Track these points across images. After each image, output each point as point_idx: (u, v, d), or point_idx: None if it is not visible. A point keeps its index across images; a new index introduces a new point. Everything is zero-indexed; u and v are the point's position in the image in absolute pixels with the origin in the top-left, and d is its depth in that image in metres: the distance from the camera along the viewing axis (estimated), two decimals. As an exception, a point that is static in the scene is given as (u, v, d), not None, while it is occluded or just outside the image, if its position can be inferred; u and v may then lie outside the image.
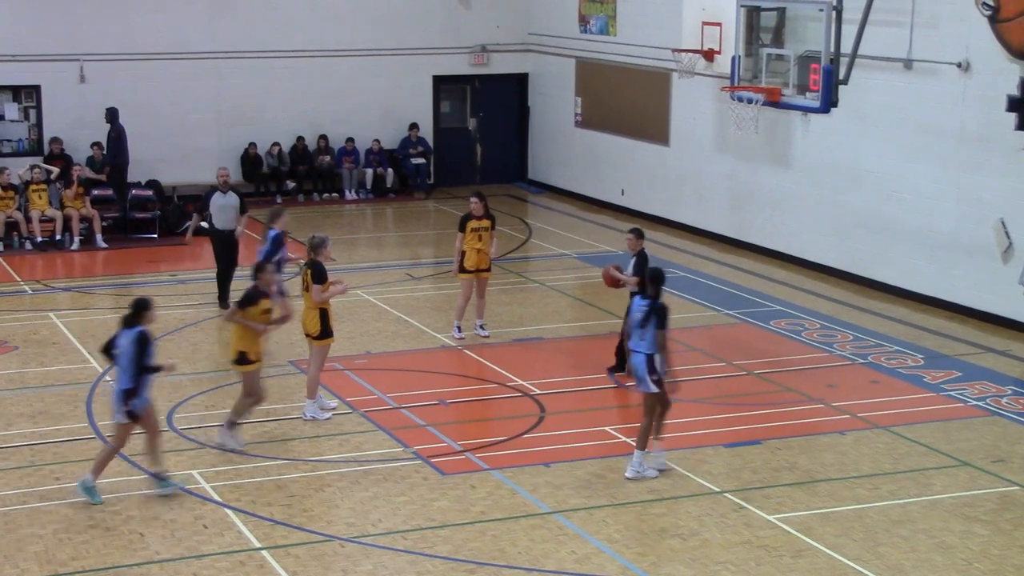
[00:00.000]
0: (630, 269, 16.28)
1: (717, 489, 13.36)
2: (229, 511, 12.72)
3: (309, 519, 12.58)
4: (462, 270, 18.21)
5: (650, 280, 13.63)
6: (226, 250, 20.18)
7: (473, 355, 17.87)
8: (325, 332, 15.11)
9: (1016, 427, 15.24)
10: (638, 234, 16.42)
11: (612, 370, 16.78)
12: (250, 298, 14.11)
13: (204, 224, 20.42)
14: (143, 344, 12.77)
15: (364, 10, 29.31)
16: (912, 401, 16.14)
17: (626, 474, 13.56)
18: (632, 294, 15.22)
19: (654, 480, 13.53)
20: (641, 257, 16.18)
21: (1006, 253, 19.11)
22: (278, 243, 17.66)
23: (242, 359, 14.18)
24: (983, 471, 13.91)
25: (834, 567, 11.67)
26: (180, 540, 12.08)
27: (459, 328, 18.47)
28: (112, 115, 26.25)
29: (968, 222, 19.68)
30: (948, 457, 14.30)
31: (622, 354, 16.24)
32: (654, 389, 13.42)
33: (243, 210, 20.37)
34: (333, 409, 15.48)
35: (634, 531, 12.40)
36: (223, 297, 20.09)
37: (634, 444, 13.70)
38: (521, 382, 16.66)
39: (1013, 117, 18.83)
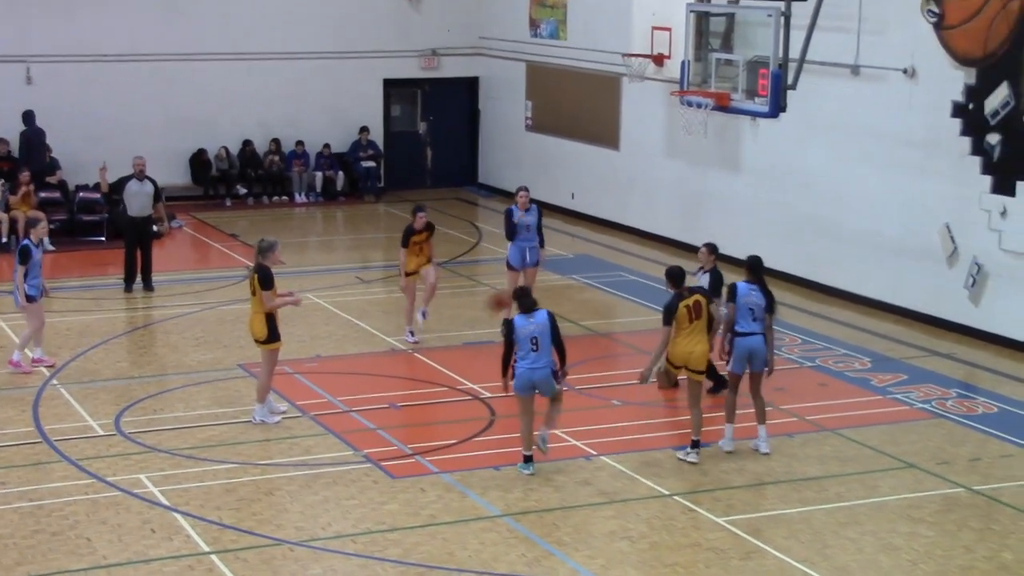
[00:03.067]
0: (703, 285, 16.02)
1: (666, 492, 13.41)
2: (177, 515, 12.65)
3: (258, 523, 12.53)
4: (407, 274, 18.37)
5: (755, 268, 14.53)
6: (139, 236, 21.21)
7: (423, 358, 17.85)
8: (272, 336, 15.02)
9: (960, 429, 15.39)
10: (712, 249, 16.13)
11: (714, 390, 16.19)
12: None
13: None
14: (556, 321, 13.68)
15: (314, 13, 29.22)
16: (859, 404, 16.26)
17: (765, 450, 14.38)
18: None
19: (603, 483, 13.58)
20: (715, 276, 15.87)
21: (951, 257, 19.30)
22: None
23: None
24: (928, 473, 14.04)
25: (782, 569, 11.74)
26: (128, 545, 12.00)
27: (411, 332, 18.50)
28: (27, 118, 26.09)
29: (915, 227, 19.85)
30: (894, 459, 14.42)
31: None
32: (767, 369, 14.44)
33: (158, 198, 21.41)
34: (283, 412, 15.43)
35: (584, 534, 12.43)
36: (130, 280, 21.17)
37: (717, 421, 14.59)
38: (471, 385, 16.66)
39: (958, 123, 19.04)
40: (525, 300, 13.80)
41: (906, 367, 17.74)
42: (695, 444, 14.13)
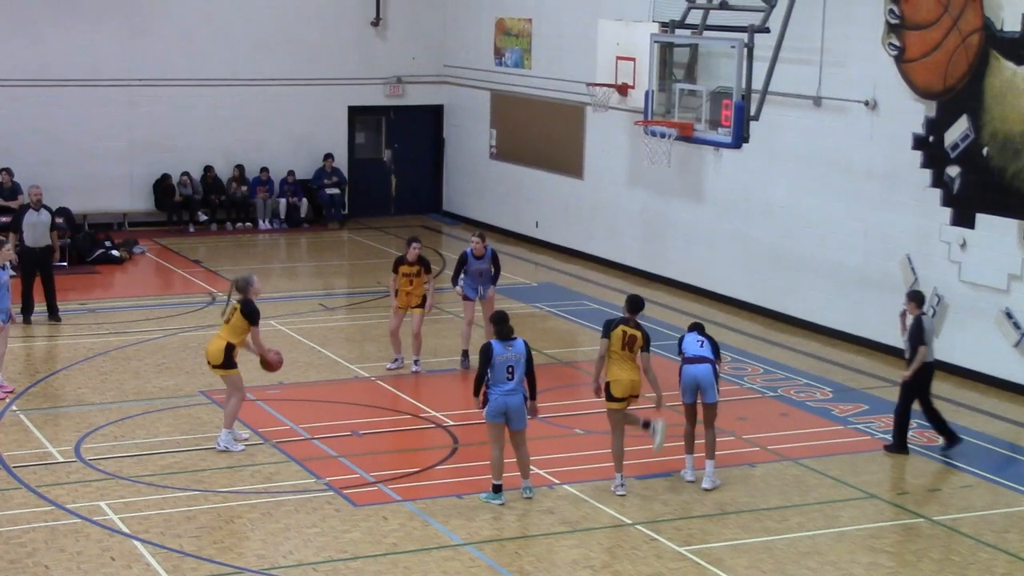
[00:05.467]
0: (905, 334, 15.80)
1: (628, 521, 13.41)
2: (137, 543, 12.55)
3: (219, 551, 12.45)
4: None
5: (694, 328, 14.66)
6: (37, 266, 20.69)
7: (386, 386, 17.81)
8: (227, 363, 14.96)
9: (921, 460, 15.46)
10: (911, 297, 15.66)
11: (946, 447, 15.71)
12: None
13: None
14: (531, 352, 13.79)
15: (280, 40, 29.22)
16: (820, 434, 16.31)
17: (707, 486, 14.23)
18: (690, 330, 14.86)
19: (565, 511, 13.57)
20: (916, 323, 15.45)
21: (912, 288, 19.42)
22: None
23: None
24: (889, 503, 14.09)
25: (743, 598, 11.75)
26: (86, 572, 11.90)
27: (395, 360, 18.47)
28: None
29: (876, 257, 19.98)
30: (855, 489, 14.47)
31: (939, 421, 15.70)
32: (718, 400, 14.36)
33: (53, 227, 21.08)
34: (245, 440, 15.34)
35: (546, 562, 12.40)
36: (28, 310, 20.57)
37: (682, 453, 14.62)
38: (434, 413, 16.63)
39: (919, 155, 19.20)
40: (503, 326, 13.70)
41: (867, 397, 17.81)
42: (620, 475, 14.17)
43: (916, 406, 15.63)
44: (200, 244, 27.39)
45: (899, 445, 15.59)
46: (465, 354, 18.62)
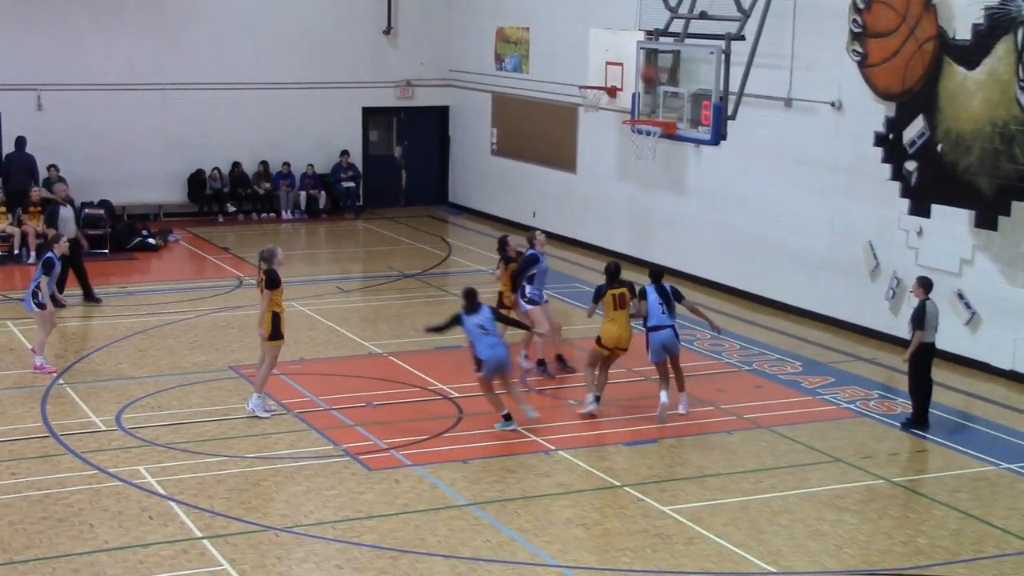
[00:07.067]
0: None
1: (618, 483, 13.43)
2: (173, 503, 12.58)
3: (247, 511, 12.47)
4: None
5: (655, 274, 15.61)
6: (69, 256, 20.26)
7: (397, 361, 17.81)
8: (275, 334, 15.00)
9: (881, 427, 15.48)
10: (920, 282, 15.27)
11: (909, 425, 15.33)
12: None
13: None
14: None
15: (300, 47, 29.14)
16: (791, 404, 16.32)
17: (683, 411, 15.29)
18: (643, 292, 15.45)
19: (561, 475, 13.59)
20: (919, 308, 15.18)
21: (873, 272, 19.43)
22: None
23: None
24: (853, 466, 14.11)
25: (721, 553, 11.77)
26: (127, 530, 11.93)
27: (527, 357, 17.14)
28: (17, 143, 25.99)
29: (841, 244, 19.97)
30: (822, 454, 14.49)
31: (923, 400, 15.29)
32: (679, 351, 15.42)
33: (78, 221, 21.53)
34: (273, 411, 15.35)
35: (543, 521, 12.42)
36: (69, 293, 20.46)
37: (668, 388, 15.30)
38: (441, 386, 16.64)
39: (880, 151, 19.18)
40: (470, 301, 14.79)
41: (833, 371, 17.83)
42: (597, 399, 15.19)
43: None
44: (228, 232, 27.37)
45: (916, 421, 15.33)
46: (542, 363, 16.99)
